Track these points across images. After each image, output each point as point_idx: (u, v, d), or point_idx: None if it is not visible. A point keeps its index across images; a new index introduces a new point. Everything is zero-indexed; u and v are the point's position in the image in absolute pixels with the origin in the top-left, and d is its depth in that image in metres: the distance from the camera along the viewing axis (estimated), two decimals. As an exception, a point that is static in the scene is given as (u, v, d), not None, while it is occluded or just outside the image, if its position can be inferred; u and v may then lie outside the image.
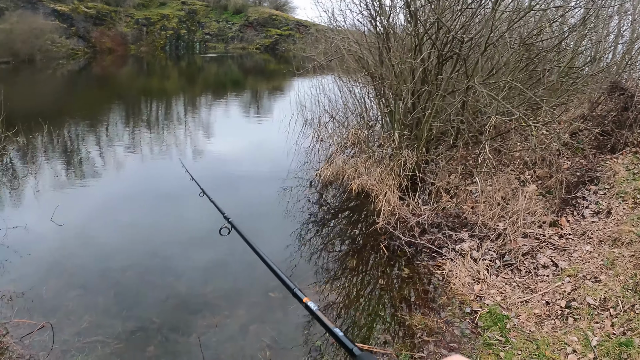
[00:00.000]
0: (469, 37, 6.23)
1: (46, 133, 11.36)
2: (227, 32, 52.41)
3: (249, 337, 4.44)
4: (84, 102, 19.80)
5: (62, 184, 8.74)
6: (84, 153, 10.97)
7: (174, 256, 6.02)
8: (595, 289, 4.50)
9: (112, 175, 9.51)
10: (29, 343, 4.20)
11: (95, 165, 10.06)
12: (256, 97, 22.25)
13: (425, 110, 7.09)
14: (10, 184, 8.60)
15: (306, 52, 11.19)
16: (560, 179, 6.66)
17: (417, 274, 5.47)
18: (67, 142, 12.00)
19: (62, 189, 8.43)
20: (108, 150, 11.30)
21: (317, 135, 10.63)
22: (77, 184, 8.83)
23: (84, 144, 11.79)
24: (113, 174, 9.60)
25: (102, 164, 10.21)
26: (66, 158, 10.46)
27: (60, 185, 8.65)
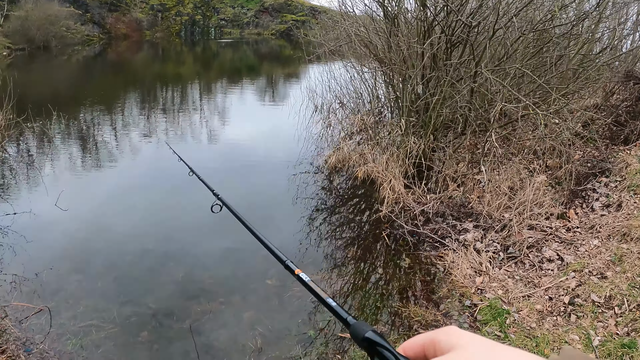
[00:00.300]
0: (477, 22, 6.03)
1: (55, 119, 11.35)
2: (243, 18, 52.31)
3: (242, 324, 4.40)
4: (99, 88, 19.86)
5: (69, 169, 8.75)
6: (95, 139, 11.04)
7: (175, 241, 6.02)
8: (600, 286, 4.33)
9: (120, 161, 9.52)
10: (27, 326, 4.22)
11: (104, 151, 10.09)
12: (271, 83, 22.19)
13: (433, 97, 6.92)
14: (18, 169, 8.64)
15: (316, 38, 11.04)
16: (570, 169, 6.46)
17: (418, 264, 5.35)
18: (78, 128, 12.05)
19: (69, 175, 8.46)
20: (118, 136, 11.35)
21: (326, 121, 10.56)
22: (84, 169, 8.85)
23: (96, 130, 11.86)
24: (121, 160, 9.61)
25: (111, 150, 10.23)
26: (76, 144, 10.50)
27: (67, 170, 8.67)
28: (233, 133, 11.78)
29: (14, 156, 9.38)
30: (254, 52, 40.13)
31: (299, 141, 10.09)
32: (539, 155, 7.20)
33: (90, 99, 15.93)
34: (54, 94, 17.29)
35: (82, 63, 28.97)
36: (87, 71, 25.56)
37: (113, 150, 10.23)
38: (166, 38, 45.96)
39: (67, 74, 24.06)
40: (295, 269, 1.07)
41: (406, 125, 7.29)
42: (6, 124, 9.95)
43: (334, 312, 0.82)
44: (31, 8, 32.21)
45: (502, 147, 7.06)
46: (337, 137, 9.93)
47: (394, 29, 7.47)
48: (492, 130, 6.26)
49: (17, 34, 30.95)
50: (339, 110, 10.57)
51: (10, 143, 9.94)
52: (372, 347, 0.64)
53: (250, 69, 28.68)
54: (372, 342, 0.64)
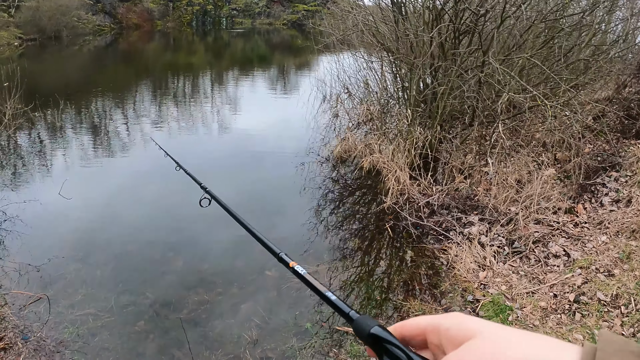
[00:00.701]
0: (485, 10, 5.90)
1: (62, 108, 11.38)
2: (254, 8, 52.23)
3: (239, 316, 4.37)
4: (110, 77, 19.92)
5: (75, 158, 8.76)
6: (102, 129, 11.10)
7: (176, 231, 6.01)
8: (607, 284, 4.20)
9: (125, 151, 9.53)
10: (25, 314, 4.28)
11: (110, 141, 10.15)
12: (282, 73, 22.15)
13: (441, 87, 6.80)
14: (25, 158, 8.71)
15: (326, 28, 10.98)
16: (579, 163, 6.31)
17: (421, 257, 5.26)
18: (86, 118, 12.12)
19: (74, 164, 8.47)
20: (126, 126, 11.39)
21: (334, 111, 10.50)
22: (90, 159, 8.86)
23: (104, 120, 11.94)
24: (126, 150, 9.63)
25: (118, 140, 10.27)
26: (83, 134, 10.53)
27: (72, 160, 8.69)
28: (243, 123, 11.75)
29: (21, 145, 9.44)
30: (265, 42, 40.12)
31: (307, 131, 10.11)
32: (548, 147, 7.06)
33: (100, 89, 15.96)
34: (65, 84, 17.34)
35: (93, 53, 29.03)
36: (98, 61, 25.60)
37: (119, 140, 10.25)
38: (177, 28, 45.94)
39: (78, 64, 24.12)
40: (289, 261, 1.02)
41: (413, 116, 7.19)
42: (14, 114, 9.97)
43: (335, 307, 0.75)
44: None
45: (511, 139, 6.94)
46: (344, 127, 9.86)
47: (401, 17, 7.36)
48: (500, 121, 6.13)
49: (29, 24, 30.97)
50: (346, 100, 10.50)
51: (18, 132, 9.96)
52: (379, 344, 0.59)
53: (261, 58, 28.68)
54: (379, 339, 0.59)
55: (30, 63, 21.09)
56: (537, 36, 6.79)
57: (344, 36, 9.79)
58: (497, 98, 6.27)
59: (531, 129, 7.46)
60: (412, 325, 0.58)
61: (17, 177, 7.71)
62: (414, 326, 0.57)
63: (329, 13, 14.54)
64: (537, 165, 6.55)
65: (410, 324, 0.58)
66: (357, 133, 9.17)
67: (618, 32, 8.36)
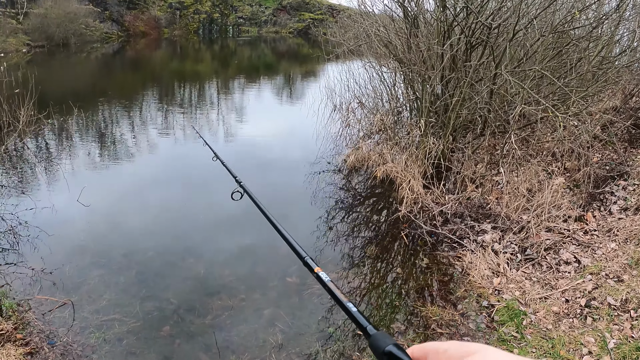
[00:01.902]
0: (497, 24, 6.06)
1: (76, 115, 11.53)
2: (260, 16, 52.44)
3: (262, 320, 4.46)
4: (117, 84, 20.06)
5: (90, 165, 8.88)
6: (114, 135, 11.15)
7: (196, 238, 6.11)
8: (617, 289, 4.36)
9: (140, 158, 9.64)
10: (50, 319, 4.31)
11: (124, 148, 10.21)
12: (288, 81, 22.22)
13: (453, 98, 6.95)
14: (41, 165, 8.75)
15: (336, 37, 11.10)
16: (588, 172, 6.47)
17: (436, 264, 5.40)
18: (98, 124, 12.20)
19: (90, 171, 8.58)
20: (138, 132, 11.48)
21: (345, 120, 10.60)
22: (105, 165, 8.97)
23: (115, 126, 11.99)
24: (141, 157, 9.73)
25: (131, 146, 10.35)
26: (96, 140, 10.64)
27: (88, 166, 8.79)
28: (251, 131, 11.83)
29: (36, 152, 9.53)
30: (272, 50, 40.23)
31: (317, 140, 10.13)
32: (558, 157, 7.20)
33: (109, 96, 16.13)
34: (74, 90, 17.45)
35: (100, 60, 29.20)
36: (105, 68, 25.75)
37: (133, 145, 10.36)
38: (184, 36, 46.12)
39: (86, 71, 24.28)
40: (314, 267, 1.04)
41: (425, 126, 7.33)
42: (28, 120, 10.12)
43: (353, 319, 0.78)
44: (50, 6, 32.45)
45: (521, 149, 7.08)
46: (356, 136, 9.96)
47: (414, 30, 7.51)
48: (512, 131, 6.28)
49: (37, 31, 31.22)
50: (357, 110, 10.59)
51: (32, 139, 10.11)
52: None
53: (268, 67, 28.76)
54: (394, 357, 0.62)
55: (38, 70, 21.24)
56: (546, 48, 6.94)
57: (356, 46, 9.90)
58: (508, 109, 6.42)
59: (541, 139, 7.60)
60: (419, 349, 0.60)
61: (35, 184, 7.77)
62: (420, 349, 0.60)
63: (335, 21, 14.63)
64: (547, 174, 6.70)
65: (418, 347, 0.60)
66: (370, 142, 9.25)
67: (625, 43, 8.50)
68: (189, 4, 49.11)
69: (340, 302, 0.84)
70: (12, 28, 29.63)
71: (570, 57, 6.84)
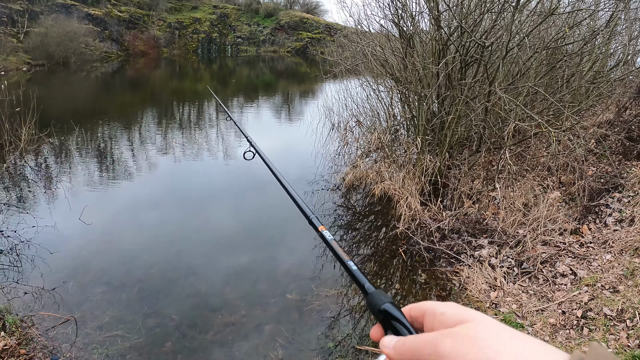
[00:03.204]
0: (490, 42, 6.19)
1: (78, 134, 11.62)
2: (259, 36, 52.90)
3: (263, 336, 4.51)
4: (117, 103, 20.17)
5: (91, 183, 8.93)
6: (114, 154, 11.20)
7: (197, 256, 6.16)
8: (612, 300, 4.43)
9: (141, 176, 9.69)
10: (53, 335, 4.36)
11: (125, 166, 10.27)
12: (287, 100, 22.32)
13: (449, 115, 7.06)
14: (43, 183, 8.81)
15: (333, 57, 11.21)
16: (583, 185, 6.56)
17: (434, 279, 5.46)
18: (98, 143, 12.22)
19: (91, 189, 8.62)
20: (138, 151, 11.53)
21: (343, 139, 10.66)
22: (106, 184, 9.01)
23: (115, 145, 12.02)
24: (141, 175, 9.78)
25: (132, 165, 10.41)
26: (96, 159, 10.68)
27: (89, 185, 8.84)
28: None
29: (38, 170, 9.59)
30: (270, 69, 40.46)
31: (316, 158, 10.22)
32: (553, 171, 7.29)
33: (109, 115, 16.24)
34: (74, 109, 17.58)
35: (100, 79, 29.33)
36: (105, 87, 25.86)
37: (133, 164, 10.42)
38: (183, 55, 46.49)
39: (85, 89, 24.38)
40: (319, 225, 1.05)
41: (422, 144, 7.42)
42: (29, 139, 10.20)
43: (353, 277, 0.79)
44: (51, 25, 32.83)
45: (517, 164, 7.17)
46: (354, 154, 10.02)
47: (409, 49, 7.63)
48: (506, 147, 6.38)
49: (37, 49, 31.54)
50: (355, 128, 10.66)
51: (34, 157, 10.19)
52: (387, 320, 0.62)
53: (266, 85, 28.92)
54: (388, 315, 0.63)
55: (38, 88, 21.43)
56: (540, 64, 7.06)
57: (353, 65, 10.01)
58: (503, 125, 6.52)
59: (536, 154, 7.70)
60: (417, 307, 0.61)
61: (37, 202, 7.83)
62: (418, 308, 0.60)
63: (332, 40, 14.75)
64: (542, 189, 6.80)
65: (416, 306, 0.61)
66: (367, 160, 9.32)
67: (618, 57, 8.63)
68: (188, 24, 49.60)
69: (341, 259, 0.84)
70: (12, 46, 29.91)
71: (563, 72, 6.96)
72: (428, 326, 0.57)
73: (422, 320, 0.59)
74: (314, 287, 5.25)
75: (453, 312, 0.55)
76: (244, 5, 55.54)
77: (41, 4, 36.16)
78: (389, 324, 0.61)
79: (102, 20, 40.78)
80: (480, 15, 6.33)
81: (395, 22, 7.83)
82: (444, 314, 0.55)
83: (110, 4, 43.01)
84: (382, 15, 8.28)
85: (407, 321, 0.61)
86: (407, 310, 0.62)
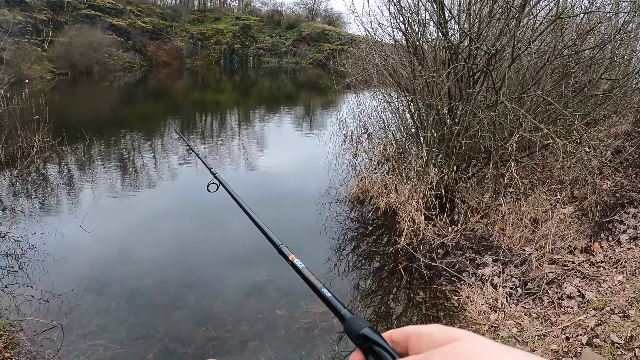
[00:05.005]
0: (495, 49, 5.92)
1: (89, 143, 11.65)
2: (280, 47, 53.14)
3: (246, 353, 4.42)
4: (138, 113, 20.42)
5: (96, 192, 8.94)
6: (127, 164, 11.33)
7: (190, 269, 6.10)
8: (621, 325, 4.10)
9: (147, 187, 9.68)
10: (39, 341, 4.41)
11: (133, 176, 10.34)
12: (308, 112, 22.35)
13: (456, 126, 6.81)
14: (50, 190, 8.94)
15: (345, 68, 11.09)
16: (596, 200, 6.22)
17: (432, 298, 5.21)
18: (112, 152, 12.34)
19: (96, 197, 8.64)
20: (151, 161, 11.60)
21: (353, 151, 10.55)
22: (110, 193, 8.99)
23: (129, 155, 12.19)
24: (148, 185, 9.77)
25: (140, 175, 10.46)
26: (107, 168, 10.73)
27: (94, 193, 8.87)
28: (267, 161, 11.89)
29: (47, 178, 9.68)
30: (291, 80, 40.65)
31: (328, 171, 10.12)
32: (566, 185, 6.97)
33: (128, 124, 16.44)
34: (94, 118, 17.89)
35: (123, 89, 29.71)
36: (127, 97, 26.20)
37: (141, 175, 10.42)
38: (205, 66, 46.88)
39: (108, 99, 24.70)
40: (289, 254, 1.04)
41: (428, 156, 7.19)
42: (42, 147, 10.28)
43: (329, 304, 0.77)
44: (75, 35, 33.35)
45: (526, 177, 6.87)
46: (362, 167, 9.90)
47: (417, 59, 7.42)
48: (512, 160, 6.09)
49: (61, 59, 32.07)
50: (365, 141, 10.53)
51: (45, 165, 10.25)
52: (367, 344, 0.60)
53: (287, 97, 28.98)
54: (368, 339, 0.60)
55: (61, 97, 21.79)
56: (552, 72, 6.78)
57: (364, 76, 9.88)
58: (509, 137, 6.25)
59: (547, 166, 7.39)
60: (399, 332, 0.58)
61: (42, 208, 7.90)
62: (400, 332, 0.58)
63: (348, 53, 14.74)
64: (553, 203, 6.47)
65: (398, 331, 0.59)
66: (376, 173, 9.17)
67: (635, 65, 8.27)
68: (211, 35, 50.02)
69: (315, 287, 0.83)
70: (37, 55, 30.38)
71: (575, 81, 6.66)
72: (414, 349, 0.56)
73: (405, 345, 0.57)
74: (304, 303, 5.03)
75: (441, 332, 0.53)
76: (266, 16, 55.94)
77: (66, 14, 36.69)
78: (370, 350, 0.59)
79: (125, 30, 41.23)
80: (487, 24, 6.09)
81: (403, 32, 7.63)
82: (430, 334, 0.54)
83: (134, 14, 43.52)
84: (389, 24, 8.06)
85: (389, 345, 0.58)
86: (387, 335, 0.60)
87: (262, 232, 1.29)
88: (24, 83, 24.25)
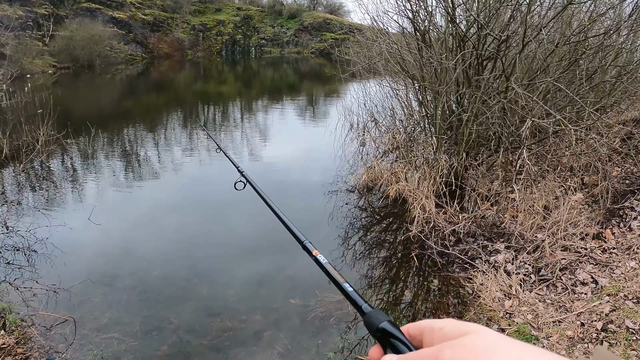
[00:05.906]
0: (505, 35, 5.89)
1: (94, 135, 11.64)
2: (282, 37, 53.00)
3: (261, 343, 4.38)
4: (141, 106, 20.39)
5: (103, 185, 8.92)
6: (132, 156, 11.30)
7: (202, 260, 6.06)
8: (636, 311, 4.10)
9: (154, 179, 9.65)
10: (51, 335, 4.37)
11: (140, 168, 10.32)
12: (311, 102, 22.28)
13: (465, 114, 6.79)
14: (56, 183, 8.91)
15: (350, 56, 11.05)
16: (607, 187, 6.20)
17: (446, 286, 5.20)
18: (116, 145, 12.32)
19: (104, 190, 8.62)
20: (155, 153, 11.56)
21: (360, 139, 10.51)
22: (118, 185, 8.98)
23: (133, 147, 12.14)
24: (155, 177, 9.74)
25: (147, 167, 10.43)
26: (113, 160, 10.73)
27: (100, 186, 8.84)
28: (272, 151, 11.83)
29: (53, 171, 9.69)
30: (294, 70, 40.52)
31: (334, 159, 10.09)
32: (576, 172, 6.95)
33: (130, 117, 16.42)
34: (97, 111, 17.88)
35: (125, 82, 29.69)
36: (130, 89, 26.17)
37: (148, 167, 10.40)
38: (207, 57, 46.79)
39: (110, 92, 24.70)
40: (313, 250, 1.05)
41: (438, 143, 7.17)
42: (46, 140, 10.28)
43: (349, 298, 0.79)
44: (76, 28, 33.36)
45: (537, 165, 6.86)
46: (370, 155, 9.87)
47: (425, 46, 7.38)
48: (524, 147, 6.07)
49: (63, 53, 32.10)
50: (373, 129, 10.50)
51: (50, 158, 10.24)
52: (386, 338, 0.62)
53: (290, 87, 28.89)
54: (387, 333, 0.62)
55: (63, 91, 21.78)
56: (560, 59, 6.74)
57: (370, 64, 9.83)
58: (521, 124, 6.23)
59: (557, 153, 7.37)
60: (414, 326, 0.60)
61: (49, 202, 7.87)
62: (415, 326, 0.60)
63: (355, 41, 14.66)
64: (564, 190, 6.46)
65: (414, 325, 0.60)
66: (384, 161, 9.13)
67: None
68: (212, 26, 49.90)
69: (336, 282, 0.85)
70: (38, 50, 30.42)
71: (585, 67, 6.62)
72: (427, 343, 0.57)
73: (420, 339, 0.59)
74: (318, 292, 5.02)
75: (452, 326, 0.55)
76: (267, 6, 55.81)
77: (66, 8, 36.71)
78: (388, 343, 0.61)
79: (126, 23, 41.19)
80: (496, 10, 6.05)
81: (410, 19, 7.59)
82: (442, 328, 0.55)
83: (135, 7, 43.44)
84: (397, 11, 8.00)
85: (407, 339, 0.60)
86: (405, 329, 0.61)
87: (286, 227, 1.30)
88: (25, 78, 24.24)
